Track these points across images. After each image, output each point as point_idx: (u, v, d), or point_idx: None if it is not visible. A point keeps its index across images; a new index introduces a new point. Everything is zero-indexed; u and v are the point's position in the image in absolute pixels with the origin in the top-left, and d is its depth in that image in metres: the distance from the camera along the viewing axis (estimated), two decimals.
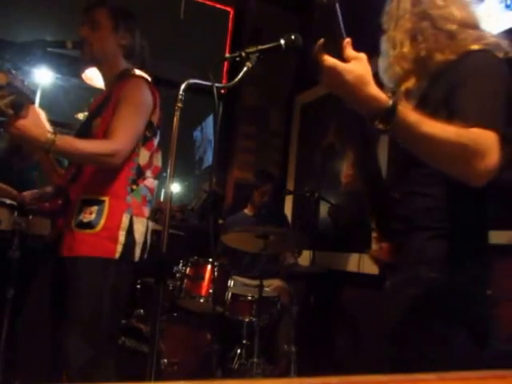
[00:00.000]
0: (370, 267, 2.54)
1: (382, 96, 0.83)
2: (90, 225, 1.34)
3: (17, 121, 1.19)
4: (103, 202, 1.37)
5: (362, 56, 0.85)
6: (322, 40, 0.86)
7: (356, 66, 0.84)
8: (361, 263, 2.60)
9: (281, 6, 3.50)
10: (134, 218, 1.39)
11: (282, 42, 1.22)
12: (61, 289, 1.35)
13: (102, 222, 1.34)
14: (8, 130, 1.21)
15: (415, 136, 0.84)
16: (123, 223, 1.36)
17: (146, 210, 1.45)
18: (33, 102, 1.24)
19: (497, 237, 1.61)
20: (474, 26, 1.02)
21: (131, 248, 1.37)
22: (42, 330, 1.40)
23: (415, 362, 0.96)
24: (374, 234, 1.25)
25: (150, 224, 1.46)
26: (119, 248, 1.34)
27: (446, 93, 0.94)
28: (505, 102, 0.90)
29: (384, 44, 1.12)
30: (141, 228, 1.40)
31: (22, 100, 1.19)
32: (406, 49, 1.03)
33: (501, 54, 0.96)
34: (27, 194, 2.34)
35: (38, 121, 1.23)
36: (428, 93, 1.00)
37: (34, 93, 1.27)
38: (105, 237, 1.34)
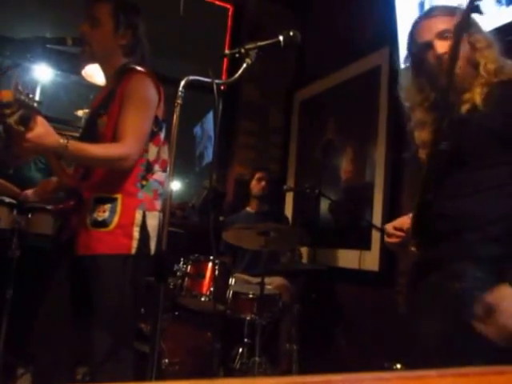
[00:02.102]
0: (370, 264, 2.53)
1: None
2: (104, 223, 1.36)
3: (27, 134, 1.20)
4: (116, 199, 1.38)
5: None
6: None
7: None
8: (361, 260, 2.59)
9: (279, 2, 3.48)
10: (147, 213, 1.41)
11: (281, 38, 1.24)
12: (80, 287, 1.37)
13: (116, 219, 1.36)
14: (20, 146, 1.22)
15: None
16: (137, 219, 1.38)
17: (158, 204, 1.47)
18: (39, 113, 1.25)
19: None
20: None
21: (146, 243, 1.39)
22: (60, 329, 1.41)
23: (460, 353, 1.01)
24: (391, 231, 1.26)
25: (162, 216, 1.47)
26: (135, 244, 1.37)
27: (500, 113, 1.05)
28: None
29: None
30: (154, 222, 1.42)
31: (29, 113, 1.21)
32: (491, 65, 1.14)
33: None
34: (30, 192, 2.34)
35: (48, 129, 1.24)
36: (479, 108, 1.09)
37: (40, 103, 1.28)
38: (120, 234, 1.36)
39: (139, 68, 1.45)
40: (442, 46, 1.15)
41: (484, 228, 1.07)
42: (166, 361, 1.97)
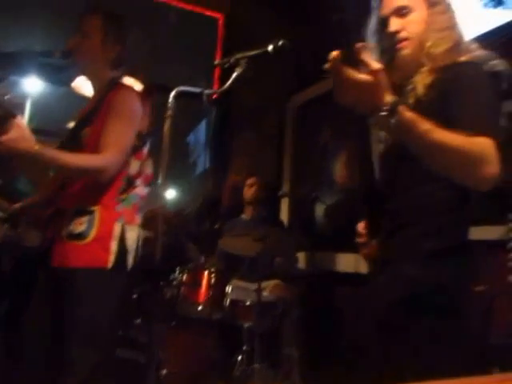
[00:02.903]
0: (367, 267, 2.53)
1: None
2: (81, 235, 1.34)
3: (0, 137, 1.17)
4: (93, 212, 1.36)
5: (379, 67, 0.87)
6: (336, 53, 0.88)
7: (380, 76, 0.86)
8: (359, 263, 2.59)
9: (270, 10, 3.50)
10: (126, 227, 1.39)
11: (270, 47, 1.25)
12: (56, 300, 1.35)
13: (93, 232, 1.34)
14: None
15: (427, 144, 0.88)
16: (115, 232, 1.36)
17: (138, 218, 1.45)
18: (14, 116, 1.22)
19: (486, 232, 1.60)
20: (460, 41, 1.09)
21: (123, 256, 1.37)
22: (38, 344, 1.39)
23: (405, 356, 0.99)
24: (361, 230, 1.26)
25: (141, 231, 1.46)
26: (112, 257, 1.34)
27: (439, 101, 1.00)
28: (497, 112, 0.98)
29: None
30: (133, 236, 1.40)
31: (4, 115, 1.18)
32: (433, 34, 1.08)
33: (486, 67, 1.02)
34: (19, 206, 2.31)
35: (24, 133, 1.20)
36: (421, 99, 1.05)
37: (19, 105, 1.25)
38: (97, 247, 1.34)
39: (126, 83, 1.47)
40: (395, 24, 1.10)
41: (426, 221, 1.04)
42: (165, 371, 1.96)
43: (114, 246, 1.35)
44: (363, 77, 0.85)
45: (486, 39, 1.22)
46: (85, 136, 1.42)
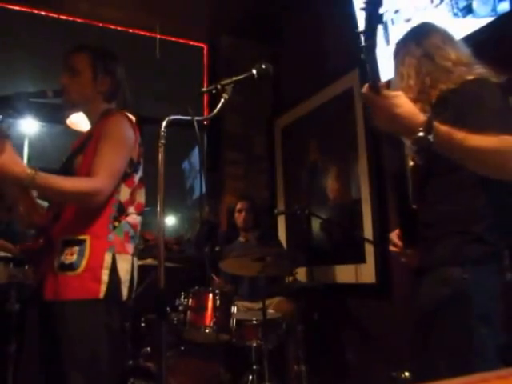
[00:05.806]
0: (367, 276, 2.56)
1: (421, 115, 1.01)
2: (71, 266, 1.30)
3: None
4: (84, 241, 1.33)
5: (400, 93, 1.01)
6: (367, 84, 1.01)
7: (401, 99, 1.00)
8: (358, 273, 2.62)
9: (251, 37, 3.62)
10: (117, 256, 1.35)
11: (254, 71, 1.30)
12: (50, 335, 1.31)
13: (84, 262, 1.30)
14: None
15: (465, 150, 0.98)
16: (106, 262, 1.32)
17: (130, 247, 1.41)
18: (7, 136, 1.18)
19: None
20: (465, 63, 1.21)
21: (116, 287, 1.33)
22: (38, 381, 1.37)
23: (445, 357, 1.05)
24: (395, 240, 1.31)
25: (136, 260, 1.43)
26: (103, 288, 1.30)
27: (455, 115, 1.09)
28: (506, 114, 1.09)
29: (394, 77, 1.33)
30: (125, 266, 1.36)
31: None
32: (412, 81, 1.22)
33: (491, 80, 1.15)
34: (24, 246, 2.32)
35: (13, 157, 1.18)
36: (436, 116, 1.13)
37: (8, 128, 1.20)
38: (87, 278, 1.30)
39: (117, 110, 1.47)
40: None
41: (469, 229, 1.10)
42: None
43: (105, 276, 1.31)
44: (385, 99, 0.99)
45: None
46: (77, 163, 1.41)
